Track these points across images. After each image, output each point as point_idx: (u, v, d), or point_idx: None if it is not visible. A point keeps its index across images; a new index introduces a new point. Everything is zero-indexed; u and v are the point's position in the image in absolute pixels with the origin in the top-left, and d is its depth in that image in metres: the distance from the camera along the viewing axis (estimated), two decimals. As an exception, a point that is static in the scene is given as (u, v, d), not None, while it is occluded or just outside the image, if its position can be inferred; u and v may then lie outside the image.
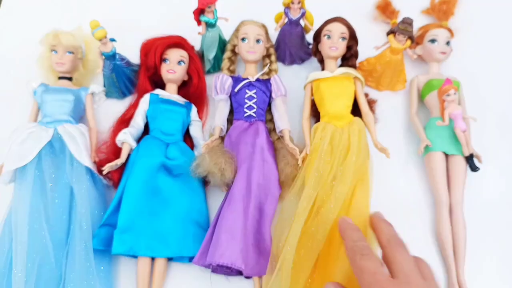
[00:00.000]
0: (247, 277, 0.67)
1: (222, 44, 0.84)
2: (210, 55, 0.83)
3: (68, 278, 0.63)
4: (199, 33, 0.78)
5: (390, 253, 0.46)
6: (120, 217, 0.65)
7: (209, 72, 0.87)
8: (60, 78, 0.80)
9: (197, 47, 0.84)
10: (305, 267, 0.63)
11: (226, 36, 0.84)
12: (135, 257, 0.67)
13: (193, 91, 0.81)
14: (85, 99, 0.79)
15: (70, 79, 0.80)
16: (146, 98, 0.77)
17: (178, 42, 0.78)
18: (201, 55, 0.84)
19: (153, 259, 0.67)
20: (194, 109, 0.79)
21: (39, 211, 0.66)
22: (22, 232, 0.64)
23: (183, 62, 0.78)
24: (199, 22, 0.79)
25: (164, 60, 0.77)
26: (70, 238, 0.66)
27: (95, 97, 0.81)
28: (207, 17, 0.77)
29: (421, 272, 0.44)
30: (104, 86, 0.82)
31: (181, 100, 0.79)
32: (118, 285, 0.68)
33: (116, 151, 0.73)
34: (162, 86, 0.80)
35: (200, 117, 0.80)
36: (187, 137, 0.79)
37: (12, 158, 0.69)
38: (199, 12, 0.77)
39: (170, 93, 0.78)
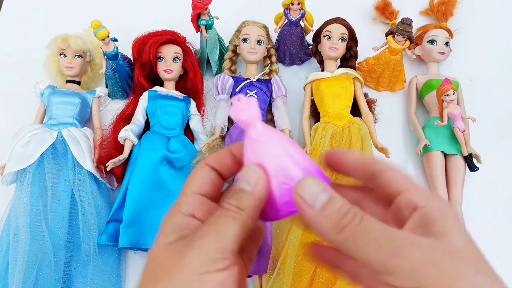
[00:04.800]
0: (248, 276, 0.67)
1: (220, 43, 0.84)
2: (215, 56, 0.83)
3: (76, 278, 0.65)
4: (205, 37, 0.78)
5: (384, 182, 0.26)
6: (125, 212, 0.66)
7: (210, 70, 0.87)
8: (68, 81, 0.80)
9: (195, 45, 0.84)
10: (307, 266, 0.63)
11: (223, 36, 0.85)
12: (145, 250, 0.68)
13: (189, 85, 0.82)
14: (92, 102, 0.80)
15: (78, 83, 0.81)
16: (145, 95, 0.78)
17: (171, 39, 0.78)
18: (205, 59, 0.84)
19: None
20: (193, 103, 0.80)
21: (39, 213, 0.66)
22: (23, 233, 0.64)
23: (178, 58, 0.78)
24: (197, 29, 0.79)
25: (159, 58, 0.78)
26: (77, 240, 0.67)
27: (101, 100, 0.82)
28: (205, 19, 0.77)
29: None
30: (107, 87, 0.83)
31: (179, 95, 0.79)
32: (128, 281, 0.69)
33: (117, 147, 0.73)
34: (158, 81, 0.81)
35: (199, 111, 0.81)
36: (188, 131, 0.80)
37: (15, 159, 0.69)
38: (196, 19, 0.77)
39: (169, 89, 0.79)
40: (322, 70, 0.82)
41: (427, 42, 0.85)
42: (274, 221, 0.28)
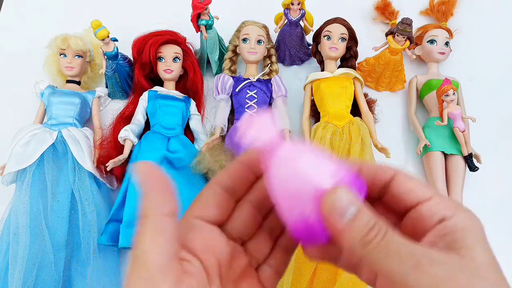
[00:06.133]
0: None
1: (220, 43, 0.84)
2: (215, 56, 0.83)
3: (76, 278, 0.65)
4: (205, 37, 0.78)
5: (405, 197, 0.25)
6: (126, 212, 0.66)
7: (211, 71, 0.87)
8: (68, 81, 0.80)
9: (195, 45, 0.84)
10: (307, 266, 0.63)
11: (223, 36, 0.85)
12: None
13: (189, 85, 0.82)
14: (92, 102, 0.80)
15: (78, 83, 0.81)
16: (145, 95, 0.78)
17: (171, 39, 0.78)
18: (205, 59, 0.84)
19: None
20: (193, 103, 0.80)
21: (39, 213, 0.66)
22: (23, 233, 0.64)
23: (178, 58, 0.78)
24: (197, 29, 0.79)
25: (159, 58, 0.78)
26: (77, 240, 0.67)
27: (101, 100, 0.82)
28: (205, 19, 0.77)
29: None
30: (107, 87, 0.83)
31: (179, 95, 0.79)
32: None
33: (117, 147, 0.73)
34: (158, 81, 0.81)
35: (199, 111, 0.81)
36: (188, 131, 0.80)
37: (15, 159, 0.69)
38: (196, 19, 0.77)
39: (169, 89, 0.79)
40: (322, 70, 0.82)
41: (427, 42, 0.85)
42: (312, 245, 0.25)
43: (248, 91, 0.78)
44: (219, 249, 0.25)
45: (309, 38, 0.87)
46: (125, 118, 0.78)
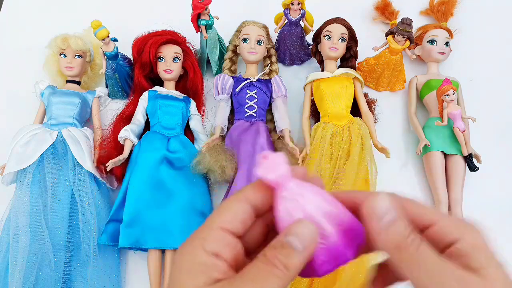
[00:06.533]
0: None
1: (220, 43, 0.85)
2: (215, 56, 0.83)
3: (76, 278, 0.65)
4: (205, 37, 0.78)
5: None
6: (126, 212, 0.66)
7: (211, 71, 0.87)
8: (68, 81, 0.80)
9: (195, 45, 0.84)
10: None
11: (223, 36, 0.85)
12: (145, 250, 0.68)
13: (189, 85, 0.82)
14: (92, 102, 0.80)
15: (78, 83, 0.81)
16: (145, 95, 0.78)
17: (171, 39, 0.78)
18: (205, 59, 0.84)
19: (163, 252, 0.68)
20: (193, 103, 0.80)
21: (39, 213, 0.66)
22: (23, 233, 0.64)
23: (178, 58, 0.79)
24: (197, 29, 0.79)
25: (159, 58, 0.78)
26: (77, 240, 0.67)
27: (101, 100, 0.82)
28: (205, 19, 0.77)
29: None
30: (107, 87, 0.83)
31: (179, 95, 0.79)
32: (127, 281, 0.69)
33: (117, 147, 0.73)
34: (158, 81, 0.81)
35: (199, 111, 0.81)
36: (188, 131, 0.80)
37: (15, 159, 0.69)
38: (196, 19, 0.77)
39: (169, 89, 0.79)
40: (322, 70, 0.82)
41: (427, 42, 0.85)
42: (307, 278, 0.27)
43: (248, 91, 0.78)
44: (241, 263, 0.26)
45: (309, 38, 0.87)
46: (125, 118, 0.78)
